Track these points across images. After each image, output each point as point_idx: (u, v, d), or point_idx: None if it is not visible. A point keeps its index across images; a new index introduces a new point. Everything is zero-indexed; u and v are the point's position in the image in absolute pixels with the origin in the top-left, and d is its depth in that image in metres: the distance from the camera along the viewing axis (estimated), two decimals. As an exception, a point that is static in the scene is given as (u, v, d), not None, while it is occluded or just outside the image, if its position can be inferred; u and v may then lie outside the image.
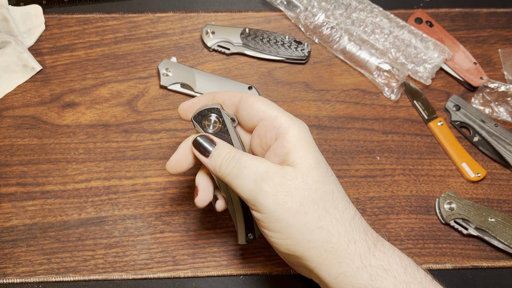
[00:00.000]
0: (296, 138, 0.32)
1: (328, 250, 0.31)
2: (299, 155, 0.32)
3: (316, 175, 0.32)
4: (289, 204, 0.31)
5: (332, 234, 0.31)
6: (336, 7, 0.52)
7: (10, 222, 0.45)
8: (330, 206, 0.31)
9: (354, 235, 0.31)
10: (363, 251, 0.31)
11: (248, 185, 0.32)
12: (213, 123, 0.35)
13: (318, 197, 0.31)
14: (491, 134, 0.49)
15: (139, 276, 0.44)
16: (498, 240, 0.45)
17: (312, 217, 0.31)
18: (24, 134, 0.48)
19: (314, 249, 0.31)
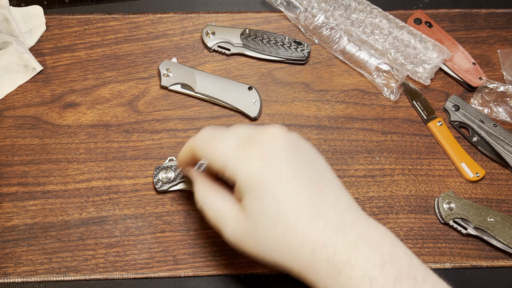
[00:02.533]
0: (243, 188, 0.33)
1: (303, 261, 0.32)
2: (246, 205, 0.33)
3: (264, 224, 0.32)
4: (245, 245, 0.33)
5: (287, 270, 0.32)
6: (335, 8, 0.53)
7: (11, 221, 0.45)
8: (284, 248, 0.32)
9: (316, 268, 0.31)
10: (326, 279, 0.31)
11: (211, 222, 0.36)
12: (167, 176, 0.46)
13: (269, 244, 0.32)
14: (490, 134, 0.49)
15: (140, 276, 0.44)
16: (497, 240, 0.45)
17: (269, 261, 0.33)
18: (25, 134, 0.48)
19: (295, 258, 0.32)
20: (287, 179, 0.32)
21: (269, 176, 0.32)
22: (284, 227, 0.31)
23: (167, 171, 0.46)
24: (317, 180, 0.33)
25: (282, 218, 0.31)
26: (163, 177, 0.45)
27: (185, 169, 0.42)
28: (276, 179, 0.32)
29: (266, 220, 0.32)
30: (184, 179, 0.45)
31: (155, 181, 0.45)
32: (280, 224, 0.31)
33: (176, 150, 0.48)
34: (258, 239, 0.32)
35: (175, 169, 0.46)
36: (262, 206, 0.32)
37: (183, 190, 0.46)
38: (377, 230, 0.32)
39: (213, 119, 0.50)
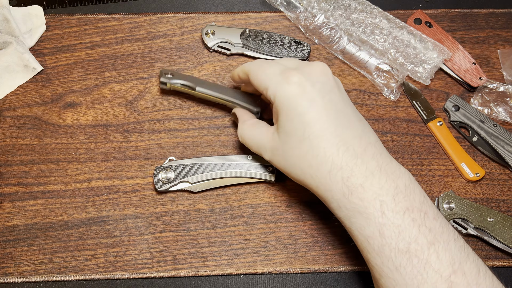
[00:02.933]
0: (279, 106, 0.38)
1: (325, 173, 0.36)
2: (279, 123, 0.38)
3: (291, 141, 0.38)
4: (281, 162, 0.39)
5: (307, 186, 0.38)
6: (335, 8, 0.53)
7: (11, 221, 0.45)
8: (305, 165, 0.37)
9: (331, 187, 0.36)
10: (339, 196, 0.36)
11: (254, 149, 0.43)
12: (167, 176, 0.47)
13: (294, 160, 0.38)
14: (490, 134, 0.49)
15: (140, 276, 0.44)
16: (497, 240, 0.45)
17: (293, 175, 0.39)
18: (25, 134, 0.48)
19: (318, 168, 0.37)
20: (318, 106, 0.36)
21: (302, 100, 0.37)
22: (307, 147, 0.36)
23: (167, 171, 0.46)
24: (347, 114, 0.37)
25: (307, 139, 0.36)
26: (163, 177, 0.45)
27: (233, 110, 0.47)
28: (308, 105, 0.36)
29: (293, 139, 0.37)
30: (183, 180, 0.46)
31: (155, 181, 0.45)
32: (304, 144, 0.36)
33: (176, 150, 0.48)
34: (285, 155, 0.38)
35: (175, 169, 0.46)
36: (292, 126, 0.37)
37: (183, 190, 0.47)
38: (397, 168, 0.36)
39: (213, 119, 0.50)
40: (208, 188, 0.46)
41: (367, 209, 0.34)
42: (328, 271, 0.45)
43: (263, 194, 0.47)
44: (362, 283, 0.45)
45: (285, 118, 0.37)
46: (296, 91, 0.37)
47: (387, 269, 0.33)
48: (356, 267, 0.45)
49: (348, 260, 0.45)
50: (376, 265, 0.34)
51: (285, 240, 0.46)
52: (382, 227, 0.34)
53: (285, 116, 0.37)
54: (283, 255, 0.45)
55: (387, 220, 0.34)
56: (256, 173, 0.46)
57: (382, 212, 0.34)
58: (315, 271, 0.45)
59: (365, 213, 0.34)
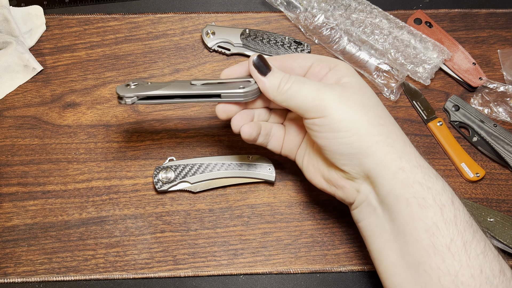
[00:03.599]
0: (345, 69, 0.38)
1: (390, 144, 0.34)
2: (351, 78, 0.37)
3: (368, 90, 0.37)
4: (351, 104, 0.35)
5: (391, 132, 0.35)
6: (335, 8, 0.53)
7: (11, 221, 0.45)
8: (384, 112, 0.36)
9: (406, 141, 0.35)
10: (416, 154, 0.35)
11: (311, 95, 0.35)
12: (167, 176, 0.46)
13: (375, 103, 0.36)
14: (490, 134, 0.49)
15: (140, 276, 0.44)
16: (497, 240, 0.45)
17: (374, 115, 0.35)
18: (25, 134, 0.48)
19: (377, 144, 0.34)
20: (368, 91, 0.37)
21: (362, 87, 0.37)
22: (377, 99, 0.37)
23: (167, 171, 0.46)
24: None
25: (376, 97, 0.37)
26: (163, 177, 0.45)
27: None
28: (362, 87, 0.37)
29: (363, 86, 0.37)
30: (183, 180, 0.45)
31: (155, 181, 0.45)
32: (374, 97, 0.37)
33: (176, 150, 0.48)
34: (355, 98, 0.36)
35: (175, 169, 0.46)
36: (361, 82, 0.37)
37: (183, 190, 0.46)
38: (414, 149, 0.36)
39: (213, 119, 0.50)
40: (208, 188, 0.46)
41: (438, 177, 0.34)
42: (328, 271, 0.45)
43: (263, 194, 0.47)
44: (362, 283, 0.45)
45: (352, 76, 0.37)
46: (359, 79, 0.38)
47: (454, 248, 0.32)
48: (356, 267, 0.45)
49: (348, 260, 0.45)
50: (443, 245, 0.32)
51: (285, 240, 0.46)
52: (452, 196, 0.33)
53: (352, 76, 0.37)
54: (283, 255, 0.45)
55: (450, 188, 0.34)
56: (256, 173, 0.46)
57: (444, 182, 0.34)
58: (315, 271, 0.45)
59: (438, 176, 0.34)
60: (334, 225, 0.46)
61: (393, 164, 0.34)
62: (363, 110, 0.35)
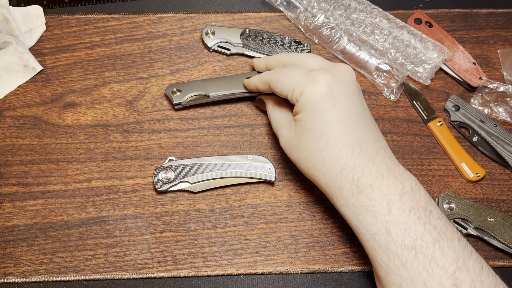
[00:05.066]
0: (303, 104, 0.39)
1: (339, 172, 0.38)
2: (304, 114, 0.39)
3: (308, 136, 0.39)
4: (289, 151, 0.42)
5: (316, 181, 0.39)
6: (335, 8, 0.53)
7: (11, 221, 0.45)
8: (317, 161, 0.38)
9: (341, 185, 0.37)
10: (348, 194, 0.37)
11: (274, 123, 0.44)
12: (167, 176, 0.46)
13: (315, 148, 0.38)
14: (490, 134, 0.49)
15: (140, 276, 0.44)
16: (498, 240, 0.45)
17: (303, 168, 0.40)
18: (25, 134, 0.48)
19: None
20: (340, 107, 0.38)
21: (327, 99, 0.38)
22: (323, 145, 0.38)
23: (167, 171, 0.46)
24: (365, 117, 0.39)
25: (324, 137, 0.38)
26: (163, 177, 0.45)
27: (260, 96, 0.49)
28: (331, 105, 0.38)
29: (310, 134, 0.38)
30: (183, 180, 0.45)
31: (155, 181, 0.45)
32: (320, 141, 0.38)
33: (176, 150, 0.48)
34: (300, 148, 0.39)
35: (175, 169, 0.46)
36: (312, 123, 0.38)
37: (183, 190, 0.46)
38: (404, 171, 0.38)
39: (213, 119, 0.50)
40: (208, 188, 0.46)
41: (374, 207, 0.35)
42: (328, 271, 0.45)
43: (263, 194, 0.47)
44: (362, 283, 0.45)
45: (306, 114, 0.39)
46: (323, 89, 0.38)
47: (393, 265, 0.34)
48: (356, 267, 0.45)
49: (348, 260, 0.45)
50: (383, 262, 0.35)
51: (285, 240, 0.46)
52: (388, 224, 0.35)
53: (307, 113, 0.38)
54: (283, 255, 0.45)
55: (393, 217, 0.35)
56: (256, 173, 0.46)
57: (389, 210, 0.35)
58: (315, 271, 0.45)
59: (372, 210, 0.35)
60: (334, 225, 0.46)
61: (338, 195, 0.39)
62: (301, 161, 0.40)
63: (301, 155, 0.40)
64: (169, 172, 0.46)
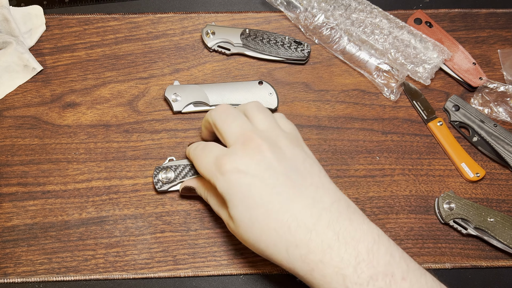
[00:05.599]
0: (222, 195, 0.36)
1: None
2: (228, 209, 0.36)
3: (242, 226, 0.35)
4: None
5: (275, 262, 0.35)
6: (335, 8, 0.53)
7: (11, 222, 0.45)
8: (262, 245, 0.35)
9: (294, 264, 0.34)
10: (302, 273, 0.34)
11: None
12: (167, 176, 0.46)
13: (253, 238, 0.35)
14: (490, 134, 0.49)
15: (140, 276, 0.44)
16: (498, 240, 0.45)
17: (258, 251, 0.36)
18: (25, 134, 0.48)
19: None
20: (258, 186, 0.34)
21: (240, 186, 0.35)
22: (259, 230, 0.34)
23: (167, 171, 0.45)
24: (295, 175, 0.35)
25: (256, 223, 0.34)
26: (163, 178, 0.45)
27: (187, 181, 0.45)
28: (247, 189, 0.35)
29: (244, 224, 0.35)
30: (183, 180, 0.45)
31: (155, 181, 0.45)
32: (255, 228, 0.34)
33: (176, 150, 0.48)
34: (243, 237, 0.36)
35: (175, 169, 0.46)
36: (238, 212, 0.35)
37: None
38: (358, 228, 0.33)
39: (213, 119, 0.50)
40: None
41: (331, 284, 0.32)
42: (328, 271, 0.45)
43: (263, 194, 0.47)
44: (362, 283, 0.45)
45: (230, 207, 0.36)
46: (231, 179, 0.35)
47: None
48: (356, 267, 0.45)
49: (348, 260, 0.45)
50: None
51: (285, 240, 0.46)
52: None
53: (229, 205, 0.36)
54: (283, 255, 0.45)
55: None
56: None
57: (346, 287, 0.31)
58: (315, 271, 0.45)
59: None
60: (334, 225, 0.46)
61: None
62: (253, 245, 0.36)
63: (249, 243, 0.36)
64: (169, 172, 0.45)
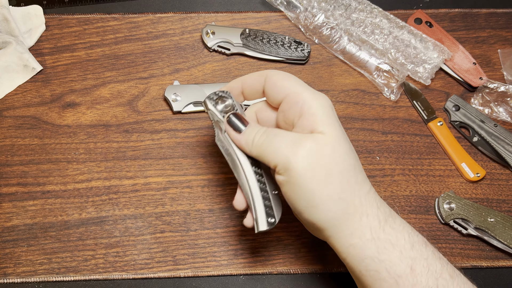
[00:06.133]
0: (320, 111, 0.33)
1: (344, 221, 0.32)
2: (327, 125, 0.33)
3: (344, 145, 0.33)
4: (317, 172, 0.32)
5: (349, 206, 0.32)
6: (336, 8, 0.53)
7: (11, 222, 0.45)
8: (352, 178, 0.33)
9: (367, 209, 0.33)
10: (373, 225, 0.32)
11: (281, 150, 0.32)
12: (225, 105, 0.37)
13: (344, 168, 0.32)
14: (491, 134, 0.49)
15: (140, 276, 0.44)
16: (498, 240, 0.45)
17: (336, 187, 0.32)
18: (25, 134, 0.48)
19: (333, 220, 0.32)
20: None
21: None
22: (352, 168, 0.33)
23: (222, 100, 0.37)
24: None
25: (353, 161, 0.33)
26: (220, 108, 0.37)
27: None
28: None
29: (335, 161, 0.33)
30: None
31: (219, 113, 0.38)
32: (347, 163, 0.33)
33: (176, 150, 0.48)
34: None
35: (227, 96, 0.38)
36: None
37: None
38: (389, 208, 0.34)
39: (213, 119, 0.50)
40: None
41: (399, 240, 0.32)
42: (328, 271, 0.45)
43: (263, 194, 0.47)
44: (362, 283, 0.45)
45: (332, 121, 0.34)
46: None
47: None
48: (356, 267, 0.45)
49: (348, 261, 0.45)
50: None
51: (285, 240, 0.46)
52: (414, 262, 0.31)
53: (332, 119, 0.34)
54: (283, 255, 0.45)
55: (417, 253, 0.31)
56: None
57: (412, 245, 0.32)
58: (315, 271, 0.45)
59: (398, 245, 0.32)
60: (334, 225, 0.46)
61: (345, 240, 0.33)
62: (326, 181, 0.32)
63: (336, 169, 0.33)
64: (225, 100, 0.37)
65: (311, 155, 0.32)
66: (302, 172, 0.32)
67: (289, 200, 0.34)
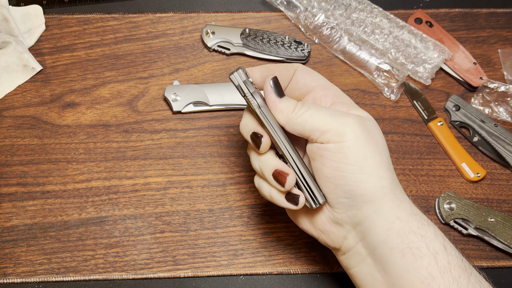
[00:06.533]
0: (351, 102, 0.36)
1: (393, 191, 0.32)
2: (363, 113, 0.35)
3: (378, 128, 0.35)
4: (369, 140, 0.32)
5: (395, 177, 0.33)
6: (336, 8, 0.53)
7: (10, 222, 0.45)
8: (389, 155, 0.34)
9: (401, 187, 0.34)
10: (410, 201, 0.33)
11: (331, 117, 0.33)
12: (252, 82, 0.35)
13: (385, 144, 0.34)
14: (491, 134, 0.49)
15: (139, 276, 0.44)
16: (498, 240, 0.45)
17: (384, 158, 0.33)
18: (25, 134, 0.48)
19: (383, 189, 0.32)
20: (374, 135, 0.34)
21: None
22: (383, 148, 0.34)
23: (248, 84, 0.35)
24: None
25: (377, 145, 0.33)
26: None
27: None
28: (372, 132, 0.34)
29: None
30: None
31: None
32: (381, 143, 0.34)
33: (176, 150, 0.48)
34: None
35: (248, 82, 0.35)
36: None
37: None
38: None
39: (213, 119, 0.50)
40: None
41: (427, 219, 0.33)
42: (328, 271, 0.45)
43: (263, 194, 0.47)
44: (363, 283, 0.45)
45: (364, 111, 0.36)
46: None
47: None
48: (356, 267, 0.45)
49: (349, 261, 0.45)
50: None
51: (285, 240, 0.46)
52: (443, 240, 0.32)
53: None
54: (283, 255, 0.45)
55: (441, 233, 0.32)
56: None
57: (435, 228, 0.33)
58: (315, 271, 0.45)
59: (430, 222, 0.33)
60: (334, 225, 0.46)
61: (392, 213, 0.32)
62: (377, 149, 0.32)
63: (381, 142, 0.34)
64: (248, 85, 0.35)
65: (363, 125, 0.33)
66: (359, 136, 0.32)
67: (337, 169, 0.32)
